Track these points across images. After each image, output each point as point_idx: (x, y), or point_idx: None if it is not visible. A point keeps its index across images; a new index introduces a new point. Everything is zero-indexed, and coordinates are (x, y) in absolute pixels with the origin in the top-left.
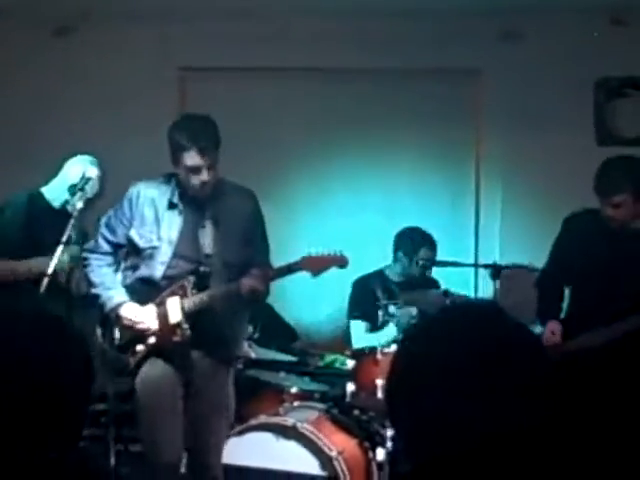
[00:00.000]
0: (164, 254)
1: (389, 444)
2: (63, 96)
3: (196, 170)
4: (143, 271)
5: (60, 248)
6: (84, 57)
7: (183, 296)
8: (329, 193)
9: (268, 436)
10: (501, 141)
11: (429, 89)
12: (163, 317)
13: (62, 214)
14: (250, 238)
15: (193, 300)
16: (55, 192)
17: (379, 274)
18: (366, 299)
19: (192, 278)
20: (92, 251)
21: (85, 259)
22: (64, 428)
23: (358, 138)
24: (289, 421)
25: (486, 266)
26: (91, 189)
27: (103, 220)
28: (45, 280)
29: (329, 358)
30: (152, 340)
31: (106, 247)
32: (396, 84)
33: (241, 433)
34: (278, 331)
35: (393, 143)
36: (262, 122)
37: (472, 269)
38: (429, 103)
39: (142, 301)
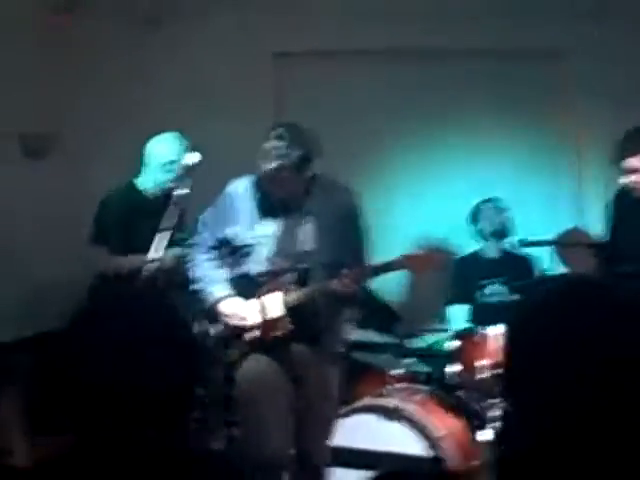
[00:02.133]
0: (259, 254)
1: (495, 424)
2: (157, 87)
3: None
4: (240, 269)
5: (161, 236)
6: (177, 47)
7: (283, 292)
8: (426, 180)
9: (372, 418)
10: (599, 118)
11: (519, 68)
12: (263, 312)
13: (157, 202)
14: (346, 234)
15: (293, 295)
16: (147, 180)
17: (474, 255)
18: (464, 281)
19: (291, 274)
20: (195, 246)
21: (189, 254)
22: (168, 408)
23: (454, 123)
24: (393, 402)
25: (586, 245)
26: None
27: (203, 215)
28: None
29: (431, 339)
30: (254, 334)
31: (208, 243)
32: (485, 63)
33: (345, 415)
34: (379, 313)
35: (489, 127)
36: (357, 107)
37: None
38: (521, 82)
39: (242, 297)
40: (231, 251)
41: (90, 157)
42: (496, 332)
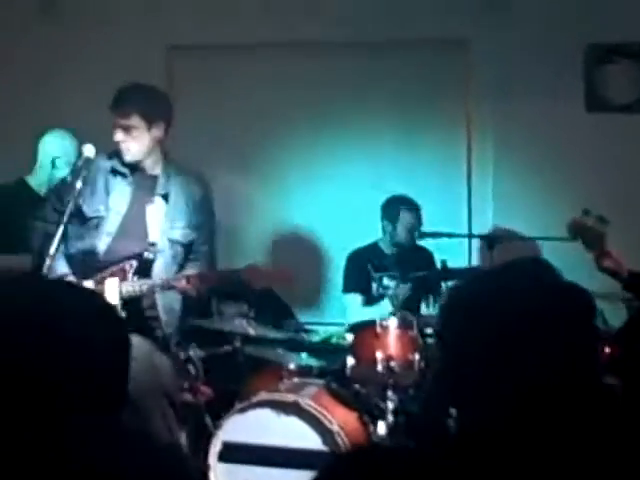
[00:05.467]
0: (110, 224)
1: (390, 417)
2: (47, 75)
3: (113, 129)
4: (87, 242)
5: (61, 229)
6: (69, 35)
7: (123, 279)
8: (319, 167)
9: (269, 413)
10: (492, 110)
11: (417, 59)
12: None
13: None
14: (197, 223)
15: (132, 286)
16: (39, 177)
17: (373, 247)
18: (360, 272)
19: (135, 262)
20: (41, 219)
21: (33, 227)
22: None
23: (346, 110)
24: (290, 397)
25: (481, 237)
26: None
27: (54, 188)
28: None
29: (326, 333)
30: None
31: (54, 216)
32: (383, 55)
33: (242, 410)
34: (273, 308)
35: (382, 114)
36: (250, 99)
37: (465, 239)
38: (417, 73)
39: (82, 275)
40: (78, 222)
41: None
42: (393, 324)
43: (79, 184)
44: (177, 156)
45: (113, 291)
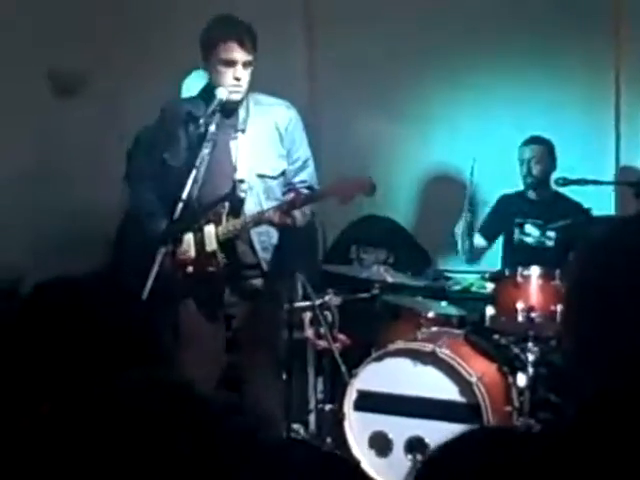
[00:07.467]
0: (197, 171)
1: (530, 369)
2: (191, 23)
3: (231, 64)
4: (177, 192)
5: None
6: None
7: (218, 223)
8: (461, 108)
9: (406, 362)
10: None
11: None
12: (200, 245)
13: None
14: (286, 152)
15: (227, 227)
16: None
17: (520, 194)
18: (504, 217)
19: (227, 204)
20: (135, 174)
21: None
22: None
23: (488, 50)
24: (428, 346)
25: (629, 184)
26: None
27: (138, 137)
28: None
29: (466, 282)
30: (190, 269)
31: (148, 169)
32: None
33: (379, 359)
34: (413, 256)
35: (525, 53)
36: (391, 38)
37: (611, 188)
38: (564, 11)
39: (177, 225)
40: (167, 173)
41: (123, 94)
42: (535, 274)
43: (213, 127)
44: (316, 100)
45: (211, 237)
